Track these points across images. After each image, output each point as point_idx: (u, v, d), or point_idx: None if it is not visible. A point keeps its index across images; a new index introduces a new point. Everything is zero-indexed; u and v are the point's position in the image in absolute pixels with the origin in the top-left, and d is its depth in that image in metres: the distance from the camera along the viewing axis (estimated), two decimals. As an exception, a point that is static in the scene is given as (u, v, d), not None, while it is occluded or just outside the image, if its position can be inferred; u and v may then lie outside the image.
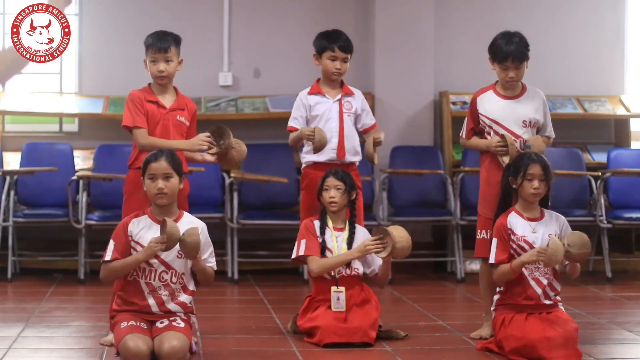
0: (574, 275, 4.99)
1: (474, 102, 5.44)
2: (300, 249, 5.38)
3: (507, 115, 5.35)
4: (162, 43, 5.23)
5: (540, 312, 4.91)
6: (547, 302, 4.95)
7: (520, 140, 5.31)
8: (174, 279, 4.69)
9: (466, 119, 5.53)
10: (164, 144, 5.05)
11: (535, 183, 4.96)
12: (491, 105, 5.38)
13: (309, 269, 5.37)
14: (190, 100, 5.38)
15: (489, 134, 5.40)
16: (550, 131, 5.47)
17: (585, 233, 4.93)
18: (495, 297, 5.08)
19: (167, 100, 5.28)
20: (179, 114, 5.26)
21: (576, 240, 4.83)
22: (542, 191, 4.99)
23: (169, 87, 5.31)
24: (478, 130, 5.46)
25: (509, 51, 5.26)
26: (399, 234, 5.16)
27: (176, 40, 5.30)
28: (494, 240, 5.02)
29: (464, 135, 5.52)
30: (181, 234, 4.58)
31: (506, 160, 5.23)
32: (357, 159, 5.69)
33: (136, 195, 5.05)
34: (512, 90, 5.41)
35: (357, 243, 5.35)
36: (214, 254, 4.84)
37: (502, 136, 5.27)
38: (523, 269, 4.93)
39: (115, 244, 4.72)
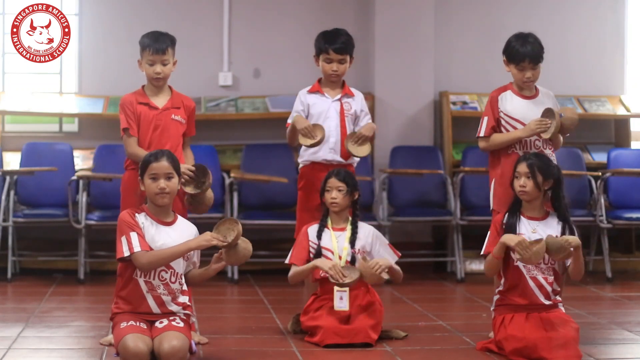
0: (574, 260, 4.92)
1: (494, 101, 5.40)
2: (288, 256, 5.43)
3: (528, 115, 5.32)
4: (159, 44, 5.23)
5: (539, 312, 4.91)
6: (547, 302, 4.94)
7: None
8: (173, 279, 4.67)
9: (486, 118, 5.42)
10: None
11: (522, 181, 4.97)
12: (512, 105, 5.37)
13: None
14: (188, 98, 5.39)
15: (507, 131, 5.37)
16: None
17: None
18: (495, 297, 5.08)
19: (161, 100, 5.29)
20: (173, 112, 5.27)
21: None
22: (529, 189, 4.96)
23: (163, 88, 5.32)
24: (497, 129, 5.40)
25: (526, 52, 5.27)
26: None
27: (172, 41, 5.31)
28: (488, 233, 5.04)
29: (482, 134, 5.41)
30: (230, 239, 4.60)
31: (545, 135, 5.24)
32: (354, 159, 5.69)
33: (132, 195, 5.05)
34: (528, 90, 5.41)
35: (359, 241, 5.36)
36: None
37: (547, 111, 5.25)
38: (522, 268, 4.92)
39: (136, 234, 4.58)
